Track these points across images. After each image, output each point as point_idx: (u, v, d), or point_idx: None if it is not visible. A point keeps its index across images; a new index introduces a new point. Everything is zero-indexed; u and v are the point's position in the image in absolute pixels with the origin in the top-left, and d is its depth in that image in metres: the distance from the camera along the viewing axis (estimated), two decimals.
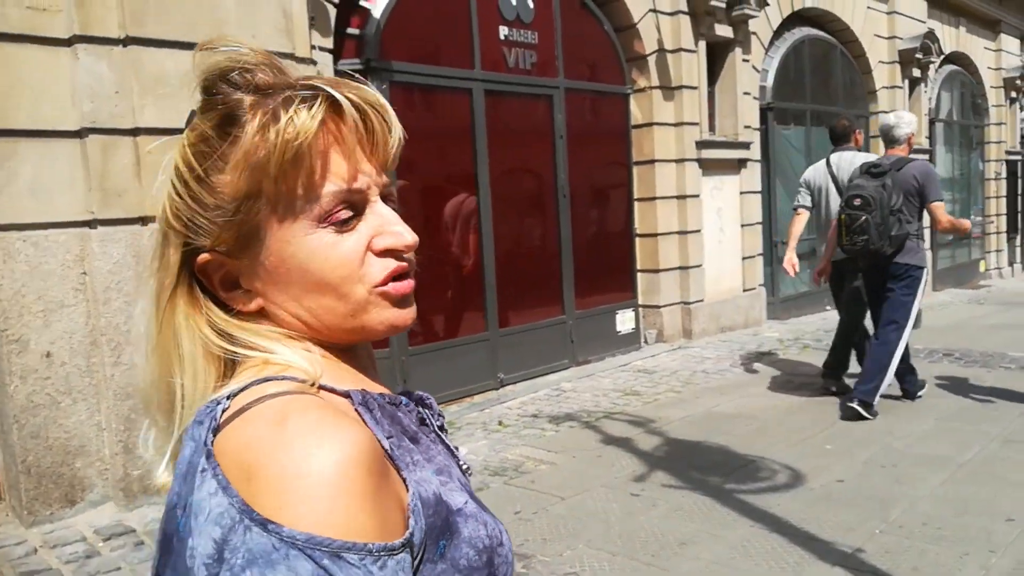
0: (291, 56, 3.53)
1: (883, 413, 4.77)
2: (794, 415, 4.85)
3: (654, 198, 7.32)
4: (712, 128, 7.94)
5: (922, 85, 11.02)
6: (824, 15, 9.51)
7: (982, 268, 13.44)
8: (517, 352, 6.13)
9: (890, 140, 4.86)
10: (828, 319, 8.92)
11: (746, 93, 8.11)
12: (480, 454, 4.28)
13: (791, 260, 5.55)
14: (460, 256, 5.95)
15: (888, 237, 4.38)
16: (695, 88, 7.48)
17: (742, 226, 8.24)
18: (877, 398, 4.64)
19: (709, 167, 7.73)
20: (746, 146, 8.10)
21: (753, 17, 7.80)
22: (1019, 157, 14.61)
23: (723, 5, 7.45)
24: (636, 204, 7.39)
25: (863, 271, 4.83)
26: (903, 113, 5.02)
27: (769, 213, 8.79)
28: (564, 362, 6.58)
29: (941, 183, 5.09)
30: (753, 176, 8.38)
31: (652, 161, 7.30)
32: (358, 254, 0.65)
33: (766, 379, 5.89)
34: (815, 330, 8.11)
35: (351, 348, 0.70)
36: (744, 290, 8.30)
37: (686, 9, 7.28)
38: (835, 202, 5.10)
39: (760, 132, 8.54)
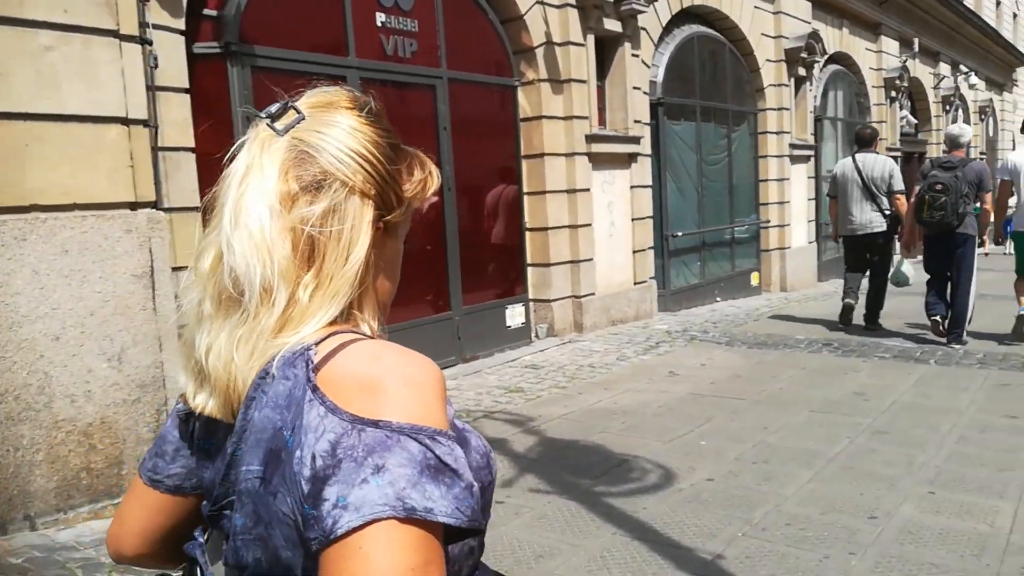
0: (114, 34, 3.18)
1: (759, 404, 4.80)
2: (673, 410, 4.80)
3: (544, 192, 7.20)
4: (602, 122, 7.88)
5: (807, 83, 11.34)
6: (713, 12, 9.63)
7: None
8: None
9: (955, 145, 6.45)
10: (716, 310, 9.08)
11: (636, 88, 8.10)
12: None
13: (836, 233, 7.65)
14: None
15: (957, 214, 5.99)
16: (584, 82, 7.39)
17: (633, 220, 8.23)
18: (965, 333, 6.37)
19: (599, 161, 7.67)
20: (636, 140, 8.09)
21: (642, 12, 7.78)
22: (899, 154, 15.33)
23: None
24: (526, 198, 7.25)
25: (929, 241, 6.40)
26: (965, 126, 6.69)
27: (660, 207, 8.83)
28: (451, 359, 6.38)
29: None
30: (644, 170, 8.39)
31: (542, 155, 7.16)
32: None
33: (650, 373, 5.86)
34: (703, 322, 8.20)
35: None
36: (635, 283, 8.30)
37: (574, 2, 7.17)
38: (860, 192, 7.01)
39: (650, 127, 8.56)
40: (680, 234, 9.15)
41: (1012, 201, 6.61)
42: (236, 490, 0.77)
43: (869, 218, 7.10)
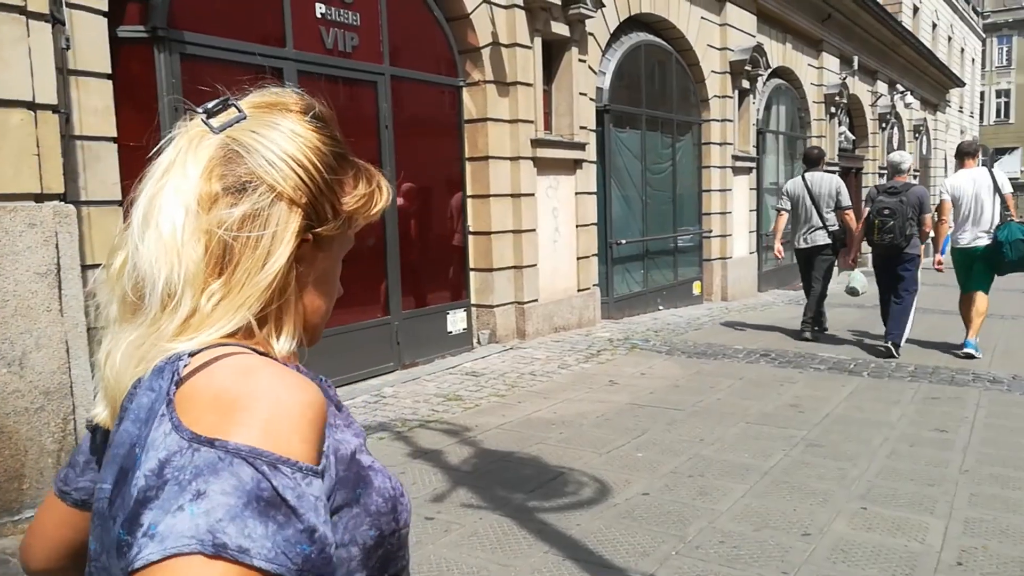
0: (21, 10, 2.94)
1: (696, 415, 4.77)
2: (611, 421, 4.74)
3: (488, 195, 7.09)
4: (548, 127, 7.82)
5: (751, 96, 11.51)
6: (660, 21, 9.67)
7: None
8: (334, 355, 5.69)
9: (897, 171, 6.90)
10: (659, 319, 9.10)
11: (582, 94, 8.06)
12: None
13: (779, 249, 7.93)
14: None
15: (904, 235, 6.47)
16: (530, 85, 7.31)
17: (577, 226, 8.19)
18: (903, 341, 6.70)
19: (544, 166, 7.60)
20: (582, 147, 8.04)
21: (589, 17, 7.75)
22: (837, 169, 15.70)
23: (559, 2, 7.34)
24: (469, 201, 7.13)
25: (880, 259, 6.86)
26: (905, 154, 7.07)
27: (605, 214, 8.82)
28: (389, 365, 6.21)
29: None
30: (589, 177, 8.36)
31: (486, 158, 7.06)
32: None
33: (590, 382, 5.80)
34: (645, 330, 8.20)
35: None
36: (579, 290, 8.26)
37: (521, 3, 7.09)
38: (810, 207, 7.47)
39: (596, 134, 8.53)
40: (624, 242, 9.15)
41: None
42: (94, 511, 0.72)
43: (814, 235, 7.53)
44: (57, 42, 3.25)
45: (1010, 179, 7.12)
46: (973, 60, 33.50)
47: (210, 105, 0.78)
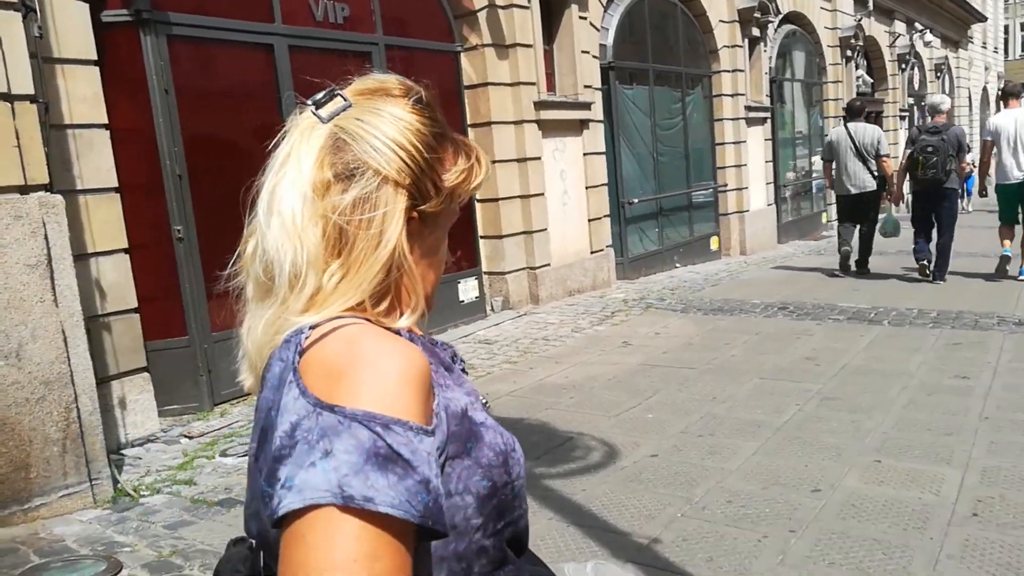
0: None
1: (709, 373, 4.70)
2: (622, 382, 4.68)
3: (493, 161, 6.91)
4: (551, 88, 7.66)
5: (761, 44, 11.19)
6: None
7: (824, 220, 14.04)
8: None
9: (937, 112, 7.42)
10: (675, 277, 8.99)
11: (585, 52, 7.87)
12: None
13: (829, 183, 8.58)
14: None
15: (945, 171, 7.02)
16: (530, 46, 7.15)
17: (587, 188, 8.06)
18: (947, 273, 7.34)
19: (549, 128, 7.46)
20: (587, 106, 7.88)
21: None
22: None
23: None
24: None
25: (919, 195, 7.44)
26: (944, 96, 7.88)
27: (615, 173, 8.67)
28: None
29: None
30: (596, 137, 8.20)
31: (489, 123, 6.95)
32: None
33: (603, 344, 5.74)
34: (661, 289, 8.10)
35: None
36: (592, 252, 8.16)
37: None
38: (853, 156, 7.92)
39: (602, 92, 8.35)
40: (636, 201, 9.00)
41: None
42: (249, 465, 0.83)
43: (863, 179, 8.02)
44: (30, 31, 3.19)
45: None
46: None
47: (319, 96, 0.84)
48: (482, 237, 7.12)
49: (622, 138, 8.81)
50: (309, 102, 0.84)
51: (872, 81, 16.53)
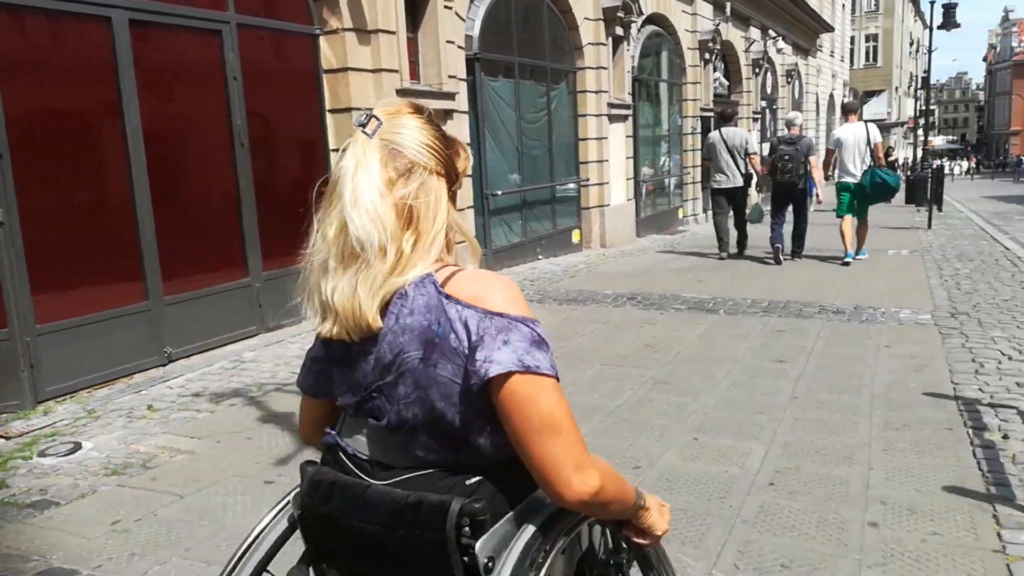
0: None
1: (556, 360, 4.86)
2: None
3: None
4: (415, 76, 7.64)
5: (625, 43, 11.61)
6: None
7: (680, 215, 14.77)
8: (190, 322, 5.48)
9: (792, 125, 9.36)
10: (537, 268, 9.20)
11: (450, 42, 7.90)
12: (106, 449, 3.67)
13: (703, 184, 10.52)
14: (109, 215, 5.13)
15: (798, 175, 8.78)
16: (393, 33, 7.09)
17: None
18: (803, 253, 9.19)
19: None
20: (452, 96, 7.92)
21: None
22: (711, 114, 16.16)
23: None
24: (334, 155, 6.92)
25: (778, 193, 9.08)
26: (798, 113, 10.03)
27: (480, 165, 8.76)
28: (252, 329, 6.03)
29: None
30: (461, 128, 8.25)
31: (349, 109, 6.83)
32: None
33: None
34: (522, 280, 8.28)
35: None
36: (456, 243, 8.20)
37: None
38: (726, 155, 9.36)
39: (467, 83, 8.41)
40: (500, 193, 9.15)
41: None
42: (399, 372, 1.14)
43: (734, 175, 9.44)
44: None
45: (876, 119, 9.75)
46: (843, 5, 34.90)
47: (362, 119, 1.20)
48: None
49: (487, 130, 8.92)
50: (356, 124, 1.20)
51: (728, 83, 17.50)
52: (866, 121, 9.10)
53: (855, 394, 4.10)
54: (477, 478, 1.16)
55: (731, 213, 9.73)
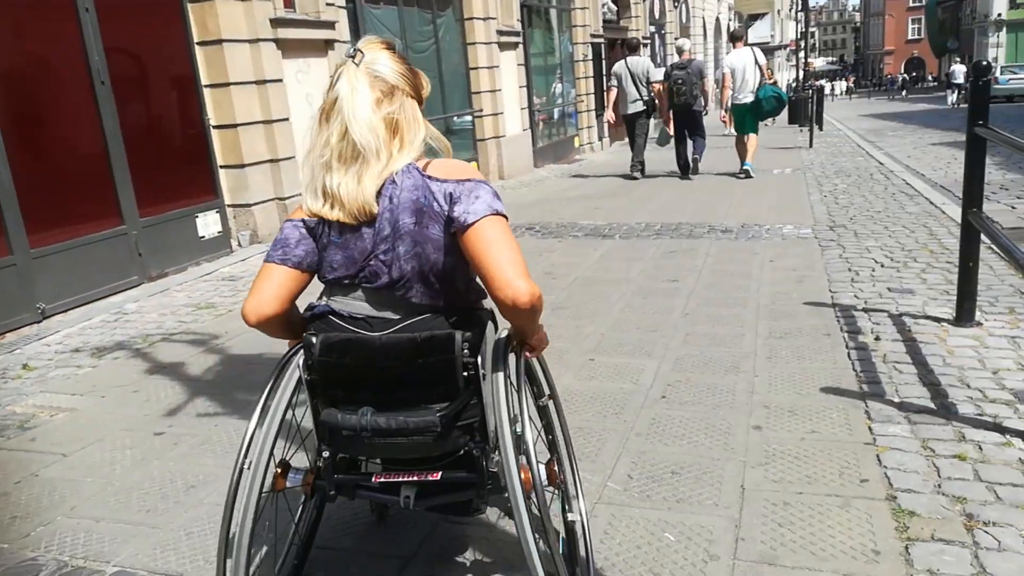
0: None
1: None
2: None
3: (228, 84, 6.51)
4: (290, 4, 7.23)
5: None
6: None
7: (577, 144, 14.83)
8: (63, 274, 5.13)
9: (681, 52, 10.13)
10: None
11: None
12: None
13: (609, 115, 10.56)
14: None
15: (692, 96, 9.62)
16: None
17: None
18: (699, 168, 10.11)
19: (290, 48, 7.08)
20: (331, 25, 7.56)
21: None
22: (602, 40, 16.14)
23: None
24: (207, 91, 6.52)
25: (677, 114, 9.90)
26: (686, 39, 11.27)
27: None
28: (133, 279, 5.71)
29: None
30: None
31: (220, 40, 6.42)
32: None
33: None
34: None
35: None
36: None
37: None
38: (631, 83, 10.08)
39: (347, 11, 8.04)
40: None
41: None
42: (397, 236, 1.56)
43: (636, 103, 10.14)
44: None
45: (760, 42, 10.25)
46: None
47: (351, 52, 1.59)
48: (222, 167, 6.68)
49: None
50: (346, 56, 1.59)
51: (617, 8, 17.45)
52: (751, 45, 10.08)
53: (742, 307, 4.28)
54: (455, 319, 1.64)
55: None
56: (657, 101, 10.15)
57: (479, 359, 1.58)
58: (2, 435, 3.18)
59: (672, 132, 10.16)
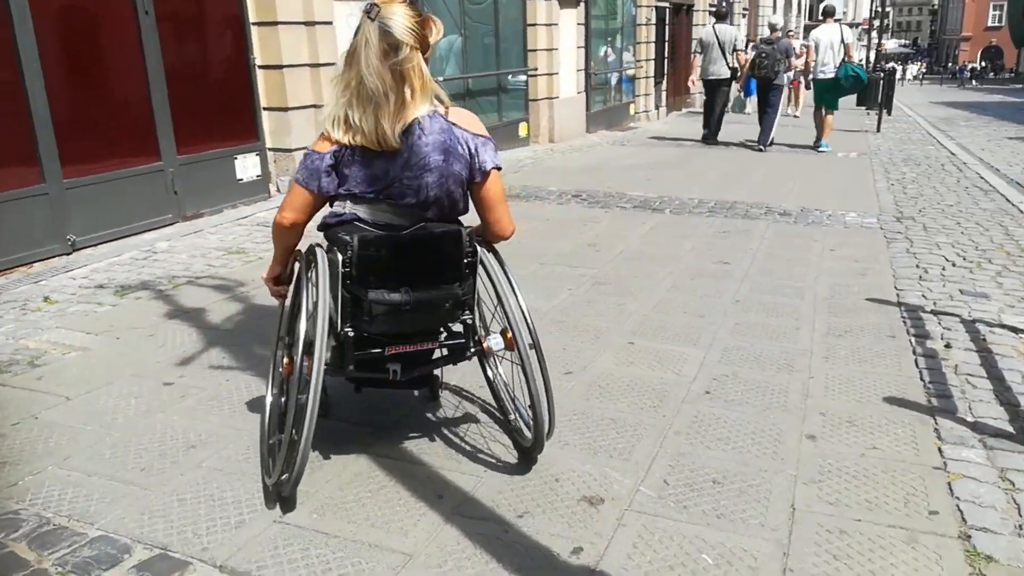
0: None
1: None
2: None
3: (276, 23, 6.28)
4: None
5: None
6: None
7: (632, 111, 14.35)
8: (95, 208, 5.02)
9: (773, 29, 10.47)
10: None
11: None
12: None
13: (692, 80, 11.92)
14: None
15: (774, 71, 9.91)
16: None
17: None
18: (769, 141, 10.13)
19: None
20: None
21: None
22: (667, 4, 15.50)
23: None
24: (254, 29, 6.30)
25: (760, 86, 10.29)
26: (779, 16, 13.35)
27: None
28: (167, 217, 5.59)
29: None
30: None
31: None
32: None
33: None
34: None
35: None
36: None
37: None
38: (718, 51, 10.43)
39: None
40: (441, 79, 8.58)
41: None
42: (426, 168, 2.01)
43: (721, 69, 10.51)
44: None
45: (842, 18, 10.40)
46: None
47: (367, 7, 1.92)
48: (265, 109, 6.49)
49: (427, 9, 8.25)
50: (363, 11, 1.92)
51: None
52: (839, 22, 10.28)
53: (798, 298, 3.96)
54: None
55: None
56: (739, 70, 10.60)
57: (476, 248, 2.14)
58: (9, 371, 3.05)
59: (744, 99, 11.20)
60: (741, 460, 2.32)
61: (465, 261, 2.09)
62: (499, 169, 2.09)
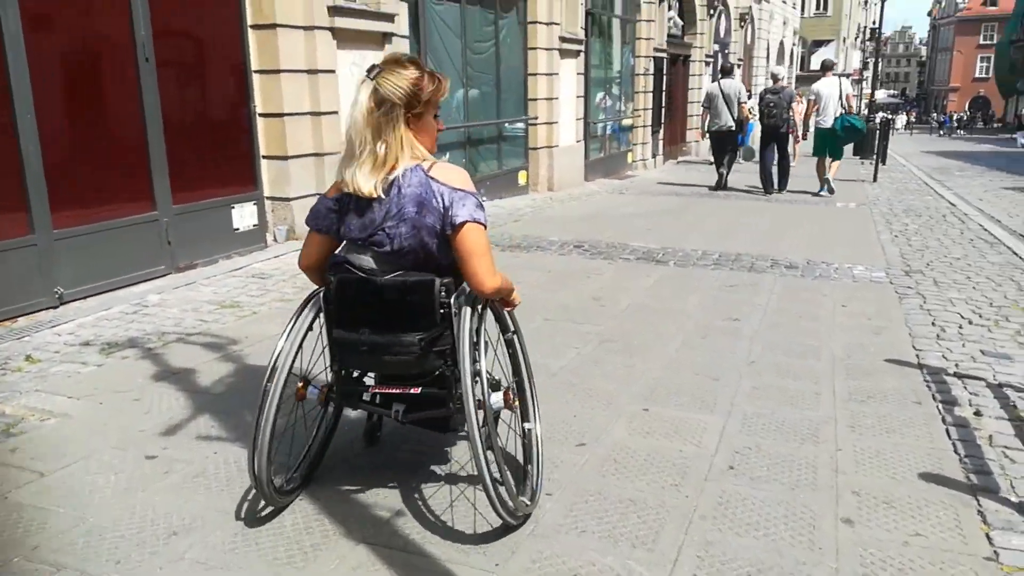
0: None
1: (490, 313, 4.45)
2: None
3: (279, 71, 6.22)
4: None
5: None
6: None
7: (629, 159, 14.36)
8: (86, 259, 4.85)
9: (776, 79, 11.17)
10: None
11: None
12: None
13: (700, 133, 13.68)
14: None
15: (782, 119, 10.61)
16: None
17: None
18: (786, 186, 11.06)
19: (346, 39, 6.77)
20: (390, 18, 7.24)
21: None
22: (665, 55, 15.65)
23: None
24: (256, 77, 6.23)
25: (765, 134, 10.93)
26: (782, 67, 15.13)
27: None
28: (160, 268, 5.43)
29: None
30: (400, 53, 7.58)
31: (274, 25, 6.14)
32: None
33: None
34: None
35: None
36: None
37: None
38: (723, 104, 11.14)
39: (408, 5, 7.72)
40: (443, 128, 8.52)
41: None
42: (401, 219, 2.09)
43: (727, 121, 11.24)
44: None
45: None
46: None
47: (369, 69, 2.10)
48: (265, 157, 6.39)
49: (429, 58, 8.25)
50: (364, 73, 2.11)
51: (683, 24, 16.95)
52: (838, 75, 11.07)
53: (814, 358, 3.81)
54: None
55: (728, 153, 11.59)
56: (744, 118, 11.70)
57: (453, 300, 2.13)
58: None
59: (747, 152, 11.80)
60: (775, 549, 2.13)
61: (440, 312, 2.12)
62: (479, 223, 2.09)
